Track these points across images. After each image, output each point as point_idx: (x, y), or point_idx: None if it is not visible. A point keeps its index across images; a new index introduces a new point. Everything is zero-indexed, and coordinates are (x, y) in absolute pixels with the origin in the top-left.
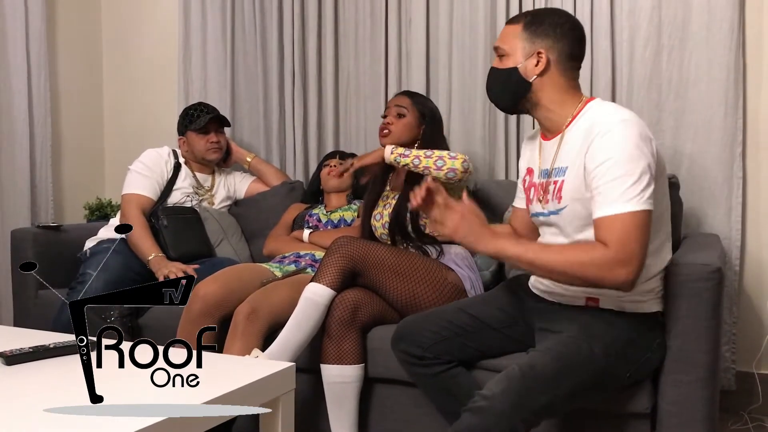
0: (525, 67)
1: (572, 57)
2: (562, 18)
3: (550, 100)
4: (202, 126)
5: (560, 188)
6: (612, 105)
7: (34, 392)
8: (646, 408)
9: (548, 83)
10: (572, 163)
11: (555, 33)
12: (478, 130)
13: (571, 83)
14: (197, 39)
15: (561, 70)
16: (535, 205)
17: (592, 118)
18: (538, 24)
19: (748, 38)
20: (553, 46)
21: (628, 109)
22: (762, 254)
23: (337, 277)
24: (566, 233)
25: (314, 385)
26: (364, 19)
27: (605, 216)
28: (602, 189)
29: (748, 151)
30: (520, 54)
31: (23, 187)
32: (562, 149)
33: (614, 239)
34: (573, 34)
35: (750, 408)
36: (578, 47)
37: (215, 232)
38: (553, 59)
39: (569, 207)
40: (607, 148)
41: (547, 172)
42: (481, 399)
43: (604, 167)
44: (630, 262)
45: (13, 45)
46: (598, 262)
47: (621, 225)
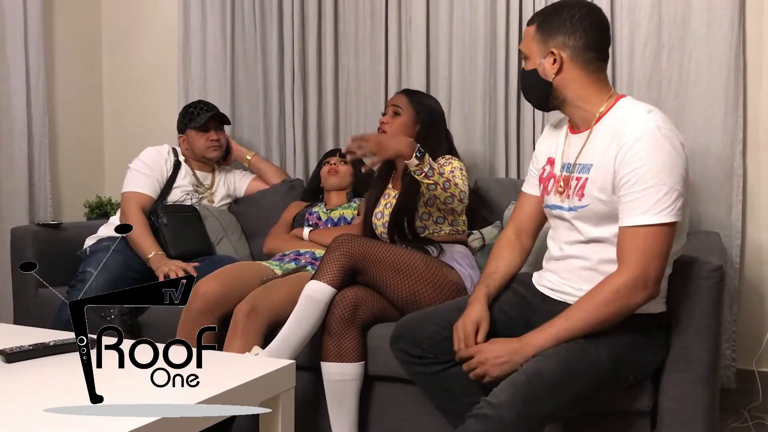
0: (543, 68)
1: (589, 48)
2: (573, 10)
3: (575, 97)
4: (202, 124)
5: (583, 185)
6: (645, 106)
7: (33, 390)
8: (647, 406)
9: (569, 80)
10: (599, 162)
11: (565, 28)
12: (479, 129)
13: (594, 76)
14: (197, 38)
15: (580, 65)
16: (553, 197)
17: (624, 119)
18: (548, 22)
19: (748, 36)
20: (566, 43)
21: (660, 111)
22: (762, 252)
23: (338, 275)
24: (582, 230)
25: (314, 382)
26: (364, 18)
27: (632, 226)
28: (632, 197)
29: (748, 149)
30: (536, 55)
31: (21, 186)
32: (589, 146)
33: (635, 257)
34: (585, 24)
35: (750, 406)
36: (595, 36)
37: (215, 230)
38: (567, 56)
39: (591, 206)
40: (639, 155)
41: (569, 167)
42: (487, 406)
43: (635, 175)
44: (649, 281)
45: (12, 44)
46: (621, 291)
47: (644, 239)
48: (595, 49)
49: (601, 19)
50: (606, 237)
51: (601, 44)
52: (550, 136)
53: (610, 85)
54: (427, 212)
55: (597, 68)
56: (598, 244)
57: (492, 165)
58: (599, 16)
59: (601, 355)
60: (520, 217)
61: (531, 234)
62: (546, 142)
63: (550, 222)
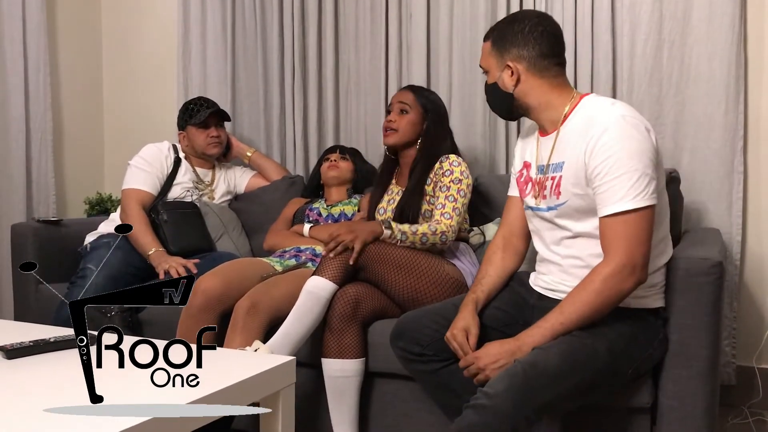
0: (503, 81)
1: (544, 56)
2: (523, 23)
3: (538, 104)
4: (202, 120)
5: (558, 183)
6: (608, 100)
7: (34, 387)
8: (647, 403)
9: (529, 89)
10: (569, 158)
11: (518, 40)
12: (479, 125)
13: (554, 81)
14: (197, 34)
15: (537, 73)
16: (531, 200)
17: (589, 114)
18: (501, 37)
19: (749, 32)
20: (520, 54)
21: (624, 102)
22: (762, 249)
23: (339, 271)
24: (566, 226)
25: (315, 379)
26: (364, 14)
27: (610, 215)
28: (606, 187)
29: (749, 146)
30: (495, 69)
31: (19, 182)
32: (558, 145)
33: (619, 244)
34: (536, 34)
35: (750, 402)
36: (548, 45)
37: (216, 226)
38: (524, 67)
39: (569, 202)
40: (608, 145)
41: (543, 168)
42: (484, 396)
43: (606, 165)
44: (636, 266)
45: (10, 40)
46: (609, 280)
47: (625, 226)
48: (550, 55)
49: (551, 27)
50: (590, 231)
51: (555, 50)
52: (523, 141)
53: (571, 86)
54: (429, 210)
55: (556, 73)
56: (584, 239)
57: (492, 161)
58: (549, 24)
59: (598, 347)
60: (509, 221)
61: (523, 236)
62: (521, 146)
63: (530, 226)
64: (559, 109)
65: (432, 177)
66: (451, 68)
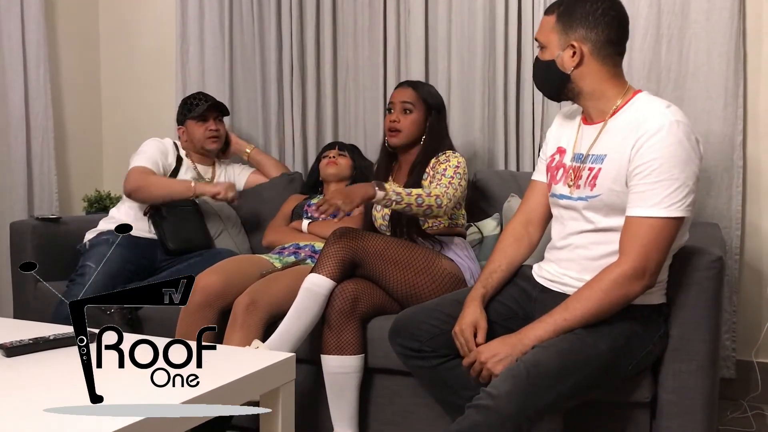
0: (562, 60)
1: (610, 43)
2: (597, 3)
3: (592, 90)
4: (200, 113)
5: (596, 176)
6: (663, 102)
7: (33, 385)
8: (647, 397)
9: (588, 73)
10: (613, 152)
11: (588, 22)
12: (477, 121)
13: (613, 71)
14: (195, 30)
15: (600, 59)
16: (561, 187)
17: (642, 112)
18: (570, 14)
19: (748, 27)
20: (587, 36)
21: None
22: (762, 243)
23: (337, 268)
24: (593, 220)
25: (314, 375)
26: (362, 10)
27: (638, 216)
28: (644, 188)
29: (748, 141)
30: (555, 46)
31: (20, 180)
32: (603, 137)
33: (635, 247)
34: (608, 18)
35: (749, 396)
36: (616, 32)
37: (215, 223)
38: (588, 50)
39: (603, 196)
40: (656, 146)
41: (581, 157)
42: (487, 397)
43: (649, 166)
44: (647, 271)
45: (8, 38)
46: (619, 281)
47: (649, 230)
48: (616, 43)
49: (623, 14)
50: (613, 227)
51: (621, 39)
52: (561, 126)
53: (626, 79)
54: None
55: (615, 63)
56: (606, 234)
57: (491, 157)
58: (621, 11)
59: (600, 345)
60: (529, 206)
61: (540, 224)
62: (557, 131)
63: (553, 211)
64: (611, 101)
65: (429, 171)
66: (450, 64)
